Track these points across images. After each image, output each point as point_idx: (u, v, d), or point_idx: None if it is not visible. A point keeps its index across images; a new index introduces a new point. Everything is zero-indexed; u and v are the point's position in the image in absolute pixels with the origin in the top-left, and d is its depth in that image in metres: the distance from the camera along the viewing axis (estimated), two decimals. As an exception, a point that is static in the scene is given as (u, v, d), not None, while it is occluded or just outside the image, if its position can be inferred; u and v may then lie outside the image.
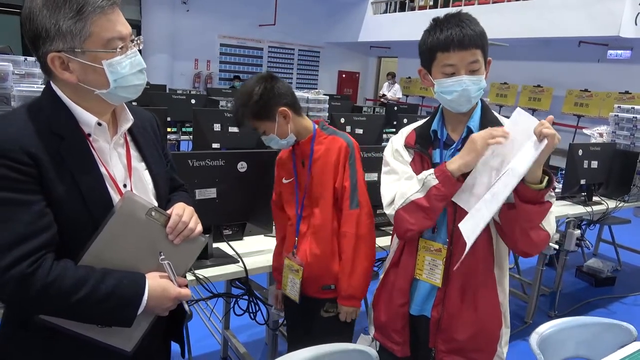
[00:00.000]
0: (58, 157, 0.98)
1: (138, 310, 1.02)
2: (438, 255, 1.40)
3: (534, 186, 1.20)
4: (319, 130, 1.72)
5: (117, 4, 0.99)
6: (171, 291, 1.08)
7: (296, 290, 1.72)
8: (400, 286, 1.47)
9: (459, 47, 1.27)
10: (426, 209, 1.31)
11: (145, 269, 1.07)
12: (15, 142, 0.94)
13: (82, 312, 0.99)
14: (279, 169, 1.82)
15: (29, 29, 0.96)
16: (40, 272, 0.93)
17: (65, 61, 0.97)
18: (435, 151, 1.42)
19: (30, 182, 0.94)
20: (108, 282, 0.99)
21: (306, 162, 1.70)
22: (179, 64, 11.68)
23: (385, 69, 14.23)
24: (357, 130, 4.09)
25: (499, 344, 1.44)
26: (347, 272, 1.67)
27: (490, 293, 1.41)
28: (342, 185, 1.67)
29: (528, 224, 1.26)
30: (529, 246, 1.31)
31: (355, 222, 1.66)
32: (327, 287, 1.72)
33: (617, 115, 3.97)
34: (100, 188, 1.03)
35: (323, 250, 1.69)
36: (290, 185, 1.76)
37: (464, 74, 1.29)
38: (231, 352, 2.73)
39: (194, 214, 1.15)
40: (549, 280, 3.76)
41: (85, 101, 1.03)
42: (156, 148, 1.23)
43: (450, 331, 1.41)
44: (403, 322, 1.48)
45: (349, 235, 1.66)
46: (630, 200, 3.53)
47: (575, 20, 7.84)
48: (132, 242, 1.05)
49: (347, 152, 1.68)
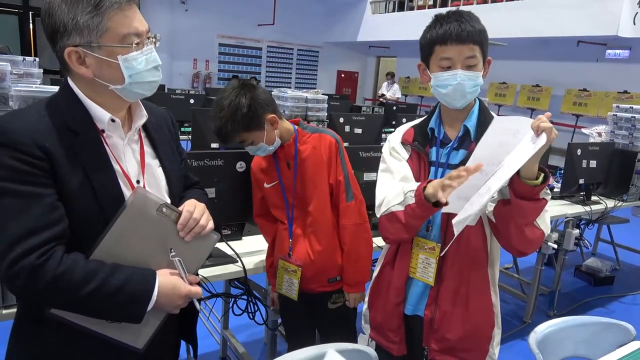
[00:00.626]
0: (71, 153, 0.99)
1: (148, 306, 1.02)
2: (432, 253, 1.40)
3: (530, 182, 1.20)
4: (300, 130, 1.72)
5: (134, 1, 1.01)
6: (182, 289, 1.07)
7: (294, 289, 1.73)
8: (395, 285, 1.47)
9: (456, 41, 1.28)
10: (403, 223, 1.32)
11: (156, 265, 1.07)
12: (29, 136, 0.95)
13: (91, 305, 0.98)
14: (256, 175, 1.80)
15: (48, 24, 0.98)
16: (50, 263, 0.93)
17: (82, 56, 0.99)
18: (432, 149, 1.42)
19: (42, 176, 0.95)
20: (118, 277, 0.99)
21: (292, 163, 1.69)
22: (178, 63, 11.66)
23: (384, 68, 14.22)
24: (356, 130, 4.08)
25: (491, 344, 1.44)
26: (352, 261, 1.72)
27: (483, 293, 1.41)
28: (336, 179, 1.69)
29: (523, 220, 1.25)
30: (523, 243, 1.30)
31: (353, 213, 1.70)
32: (334, 280, 1.75)
33: (616, 114, 3.97)
34: (112, 184, 1.04)
35: (326, 245, 1.71)
36: (275, 189, 1.75)
37: (460, 68, 1.30)
38: (230, 352, 2.73)
39: (206, 211, 1.14)
40: (548, 279, 3.76)
41: (100, 97, 1.04)
42: (170, 146, 1.23)
43: (443, 330, 1.42)
44: (399, 321, 1.49)
45: (349, 227, 1.70)
46: (629, 199, 3.53)
47: (574, 20, 7.84)
48: (143, 238, 1.05)
49: (336, 147, 1.70)
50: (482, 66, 1.33)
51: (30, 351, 1.06)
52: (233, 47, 12.76)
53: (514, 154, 1.18)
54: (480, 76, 1.32)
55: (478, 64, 1.31)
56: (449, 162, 1.38)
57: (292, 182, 1.69)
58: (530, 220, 1.27)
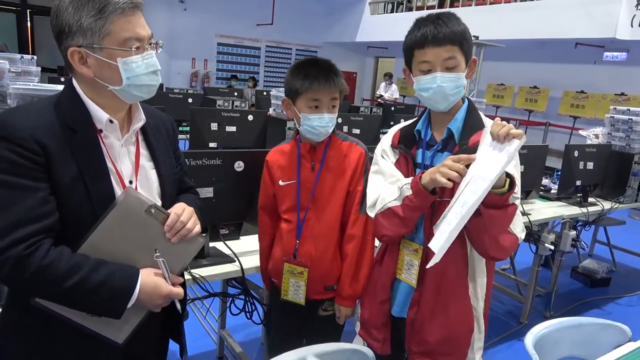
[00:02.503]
0: (68, 150, 1.02)
1: (128, 303, 1.05)
2: (415, 255, 1.42)
3: (497, 190, 1.19)
4: (333, 136, 1.71)
5: (138, 8, 1.05)
6: (163, 288, 1.10)
7: (301, 292, 1.70)
8: (382, 283, 1.50)
9: (432, 44, 1.28)
10: (402, 217, 1.33)
11: (142, 264, 1.10)
12: (28, 130, 0.98)
13: (73, 298, 1.01)
14: (272, 170, 1.75)
15: (55, 24, 1.03)
16: (37, 255, 0.96)
17: (84, 56, 1.03)
18: (418, 151, 1.43)
19: (37, 170, 0.98)
20: (101, 272, 1.02)
21: (317, 165, 1.68)
22: (176, 62, 11.64)
23: (383, 69, 14.23)
24: (354, 130, 4.09)
25: (470, 349, 1.44)
26: (350, 274, 1.67)
27: (462, 299, 1.41)
28: (355, 189, 1.67)
29: (496, 229, 1.25)
30: (499, 252, 1.30)
31: (363, 226, 1.67)
32: (330, 288, 1.72)
33: (613, 116, 3.98)
34: (105, 182, 1.07)
35: (329, 251, 1.69)
36: (290, 188, 1.71)
37: (439, 70, 1.29)
38: (227, 352, 2.73)
39: (194, 214, 1.17)
40: (545, 280, 3.77)
41: (100, 97, 1.08)
42: (167, 150, 1.27)
43: (423, 333, 1.43)
44: (384, 319, 1.51)
45: (357, 238, 1.67)
46: (626, 201, 3.54)
47: (572, 22, 7.86)
48: (130, 236, 1.08)
49: (365, 159, 1.69)
50: (464, 67, 1.32)
51: (16, 337, 1.09)
52: (231, 46, 12.75)
53: (481, 163, 1.16)
54: (462, 77, 1.31)
55: (459, 65, 1.31)
56: (433, 164, 1.38)
57: (313, 185, 1.67)
58: (504, 228, 1.26)
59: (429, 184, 1.24)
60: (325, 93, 1.60)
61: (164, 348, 1.35)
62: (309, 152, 1.70)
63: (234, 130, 3.55)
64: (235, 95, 7.28)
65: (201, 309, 2.98)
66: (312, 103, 1.61)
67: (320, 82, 1.59)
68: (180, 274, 1.19)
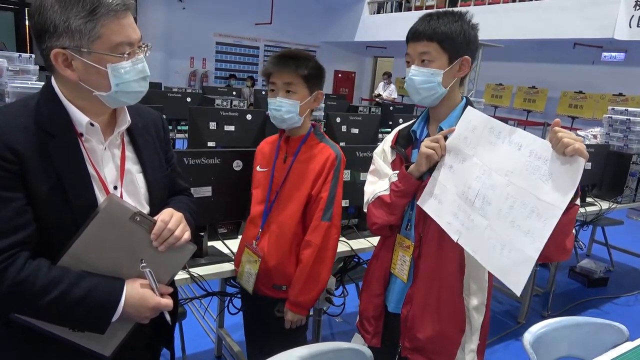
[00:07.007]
0: (45, 155, 0.96)
1: (112, 317, 0.99)
2: (407, 251, 1.45)
3: None
4: (312, 134, 1.70)
5: (129, 9, 0.98)
6: (150, 301, 1.04)
7: (251, 282, 1.69)
8: (377, 276, 1.54)
9: (412, 39, 1.37)
10: (389, 204, 1.41)
11: (128, 275, 1.04)
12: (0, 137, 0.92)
13: (53, 314, 0.96)
14: (256, 157, 1.79)
15: (37, 22, 0.94)
16: (12, 269, 0.91)
17: (69, 58, 0.95)
18: (414, 151, 1.45)
19: (11, 179, 0.92)
20: (82, 286, 0.96)
21: (289, 159, 1.67)
22: (175, 61, 11.64)
23: (381, 69, 14.24)
24: (352, 130, 4.08)
25: (460, 349, 1.43)
26: (301, 280, 1.62)
27: (454, 298, 1.41)
28: (318, 195, 1.62)
29: (562, 236, 1.17)
30: (564, 254, 1.23)
31: (323, 234, 1.61)
32: (279, 287, 1.69)
33: (611, 117, 3.99)
34: (86, 189, 1.01)
35: (281, 249, 1.66)
36: (264, 176, 1.72)
37: (415, 64, 1.36)
38: (225, 351, 2.73)
39: (183, 221, 1.10)
40: (543, 280, 3.78)
41: (81, 100, 1.01)
42: (156, 151, 1.19)
43: (415, 330, 1.44)
44: (376, 312, 1.54)
45: (313, 246, 1.61)
46: (623, 201, 3.55)
47: (570, 22, 7.87)
48: (114, 246, 1.02)
49: (333, 164, 1.64)
50: (445, 64, 1.33)
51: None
52: (230, 45, 12.75)
53: (545, 184, 1.08)
54: (436, 73, 1.33)
55: (434, 61, 1.33)
56: None
57: (282, 178, 1.66)
58: (569, 231, 1.20)
59: (415, 171, 1.34)
60: (278, 76, 1.60)
61: (157, 356, 1.31)
62: (285, 142, 1.70)
63: (232, 130, 3.54)
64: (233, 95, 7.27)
65: (199, 308, 2.98)
66: (270, 86, 1.64)
67: (274, 65, 1.60)
68: (170, 284, 1.12)
